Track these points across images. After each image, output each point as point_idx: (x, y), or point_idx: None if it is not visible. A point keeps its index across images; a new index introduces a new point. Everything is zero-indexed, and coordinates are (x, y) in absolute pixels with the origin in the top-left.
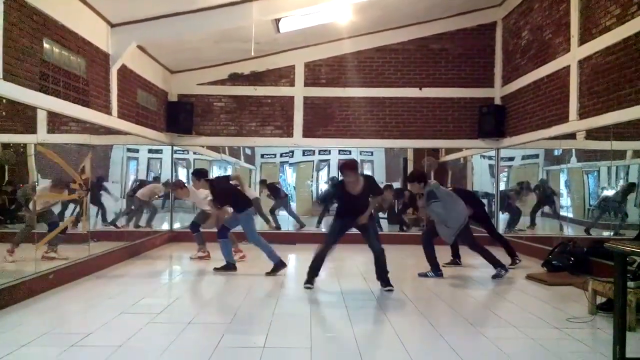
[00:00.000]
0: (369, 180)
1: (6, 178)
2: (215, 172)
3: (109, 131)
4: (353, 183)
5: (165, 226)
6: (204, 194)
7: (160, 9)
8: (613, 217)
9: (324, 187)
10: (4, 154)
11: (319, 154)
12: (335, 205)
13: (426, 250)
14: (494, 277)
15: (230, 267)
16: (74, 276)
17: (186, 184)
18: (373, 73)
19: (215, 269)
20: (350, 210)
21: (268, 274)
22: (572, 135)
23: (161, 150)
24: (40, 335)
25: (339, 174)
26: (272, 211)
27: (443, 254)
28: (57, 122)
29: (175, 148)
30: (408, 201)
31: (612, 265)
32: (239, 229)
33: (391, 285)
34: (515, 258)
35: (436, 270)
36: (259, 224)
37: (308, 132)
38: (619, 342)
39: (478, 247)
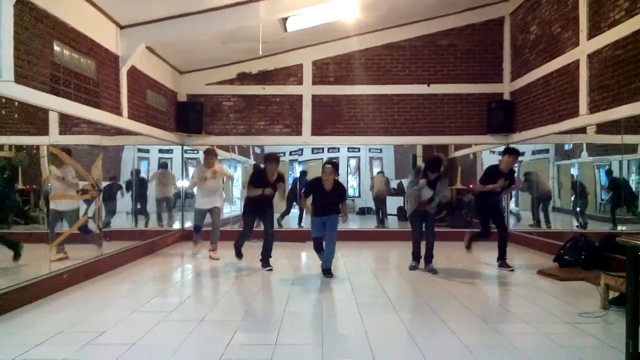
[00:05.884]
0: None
1: (20, 179)
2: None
3: (119, 132)
4: (271, 172)
5: (177, 225)
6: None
7: (168, 10)
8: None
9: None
10: (17, 155)
11: (328, 151)
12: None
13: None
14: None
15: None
16: (87, 275)
17: None
18: (381, 70)
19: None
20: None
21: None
22: (582, 130)
23: (171, 150)
24: (55, 334)
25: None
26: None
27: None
28: (68, 123)
29: (185, 148)
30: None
31: (624, 260)
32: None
33: (270, 266)
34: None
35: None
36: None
37: (317, 130)
38: (632, 336)
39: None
